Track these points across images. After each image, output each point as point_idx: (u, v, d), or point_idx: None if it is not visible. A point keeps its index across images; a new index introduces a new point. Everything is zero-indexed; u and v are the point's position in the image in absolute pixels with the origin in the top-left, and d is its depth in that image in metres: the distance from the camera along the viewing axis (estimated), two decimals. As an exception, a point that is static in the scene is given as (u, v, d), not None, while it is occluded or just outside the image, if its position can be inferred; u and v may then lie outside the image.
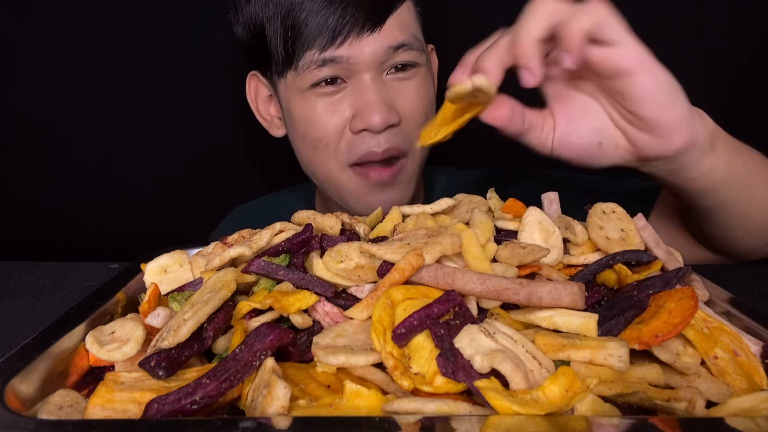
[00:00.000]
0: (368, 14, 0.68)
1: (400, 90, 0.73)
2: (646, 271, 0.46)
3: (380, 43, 0.69)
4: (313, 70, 0.70)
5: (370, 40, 0.69)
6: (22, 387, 0.35)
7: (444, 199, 0.54)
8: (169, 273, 0.50)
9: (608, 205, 0.53)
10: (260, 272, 0.43)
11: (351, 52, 0.69)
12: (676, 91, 0.50)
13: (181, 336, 0.35)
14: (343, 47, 0.68)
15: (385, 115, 0.69)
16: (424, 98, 0.75)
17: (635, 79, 0.49)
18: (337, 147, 0.73)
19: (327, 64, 0.69)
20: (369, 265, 0.44)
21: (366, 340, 0.36)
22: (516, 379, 0.32)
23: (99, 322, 0.43)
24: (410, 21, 0.74)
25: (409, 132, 0.73)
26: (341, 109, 0.72)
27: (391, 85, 0.73)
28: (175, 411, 0.31)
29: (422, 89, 0.75)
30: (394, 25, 0.70)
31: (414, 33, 0.74)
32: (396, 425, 0.28)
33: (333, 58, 0.69)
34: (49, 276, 0.64)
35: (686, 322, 0.36)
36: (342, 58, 0.69)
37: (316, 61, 0.69)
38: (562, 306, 0.36)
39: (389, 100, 0.71)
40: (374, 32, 0.69)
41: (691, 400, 0.32)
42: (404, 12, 0.73)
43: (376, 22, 0.69)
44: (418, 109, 0.74)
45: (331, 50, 0.69)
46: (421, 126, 0.63)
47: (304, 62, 0.70)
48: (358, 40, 0.68)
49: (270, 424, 0.28)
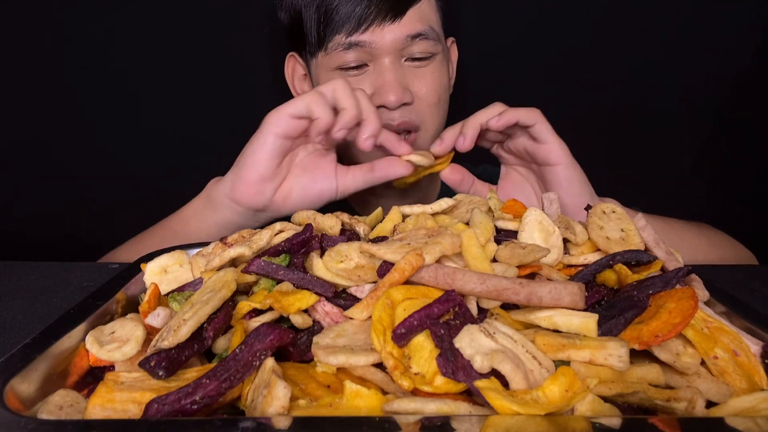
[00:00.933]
0: (391, 5, 0.77)
1: (416, 75, 0.82)
2: (646, 271, 0.46)
3: (400, 31, 0.78)
4: (340, 52, 0.79)
5: (391, 28, 0.77)
6: (22, 387, 0.35)
7: (444, 198, 0.54)
8: (169, 273, 0.50)
9: (608, 205, 0.53)
10: (260, 272, 0.43)
11: (373, 38, 0.77)
12: (584, 183, 0.70)
13: (181, 336, 0.35)
14: (367, 33, 0.77)
15: (399, 94, 0.78)
16: (438, 83, 0.83)
17: (556, 169, 0.69)
18: None
19: (352, 48, 0.78)
20: (369, 265, 0.44)
21: (366, 340, 0.36)
22: (516, 379, 0.31)
23: (99, 322, 0.43)
24: (429, 13, 0.82)
25: (422, 110, 0.83)
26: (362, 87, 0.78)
27: (408, 69, 0.81)
28: (175, 411, 0.31)
29: (436, 75, 0.83)
30: (414, 16, 0.79)
31: (432, 24, 0.82)
32: (396, 425, 0.28)
33: (357, 42, 0.78)
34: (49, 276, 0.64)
35: (686, 322, 0.36)
36: (365, 43, 0.78)
37: (343, 44, 0.78)
38: (562, 306, 0.36)
39: (404, 82, 0.80)
40: (395, 21, 0.77)
41: (691, 400, 0.32)
42: (424, 5, 0.81)
43: (397, 12, 0.77)
44: (431, 91, 0.82)
45: (356, 35, 0.77)
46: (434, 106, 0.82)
47: (333, 44, 0.79)
48: (381, 27, 0.77)
49: (270, 424, 0.28)
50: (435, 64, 0.83)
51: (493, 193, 0.58)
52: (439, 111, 0.85)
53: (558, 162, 0.69)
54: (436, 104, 0.84)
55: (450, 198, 0.55)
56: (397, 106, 0.79)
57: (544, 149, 0.69)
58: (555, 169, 0.69)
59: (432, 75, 0.83)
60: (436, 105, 0.84)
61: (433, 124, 0.85)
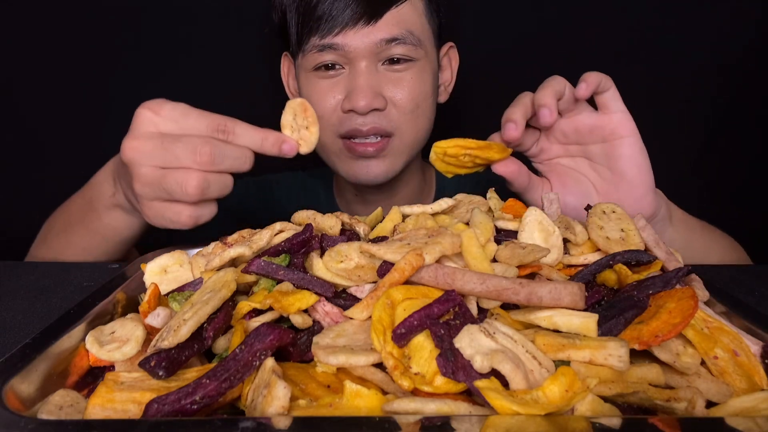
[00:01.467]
0: (365, 8, 0.75)
1: (392, 80, 0.80)
2: (646, 271, 0.46)
3: (375, 35, 0.76)
4: (315, 53, 0.79)
5: (365, 32, 0.76)
6: (22, 387, 0.35)
7: (444, 199, 0.54)
8: (169, 273, 0.50)
9: (608, 205, 0.53)
10: (260, 272, 0.43)
11: (346, 41, 0.76)
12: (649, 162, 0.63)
13: (181, 336, 0.35)
14: (340, 36, 0.76)
15: (369, 100, 0.77)
16: (417, 89, 0.81)
17: (626, 140, 0.62)
18: (330, 120, 0.81)
19: (326, 50, 0.78)
20: (369, 265, 0.44)
21: (366, 340, 0.36)
22: (516, 379, 0.31)
23: (99, 322, 0.43)
24: (411, 17, 0.80)
25: (396, 117, 0.81)
26: (336, 91, 0.80)
27: (383, 74, 0.79)
28: (175, 411, 0.31)
29: (415, 81, 0.81)
30: (392, 20, 0.77)
31: (411, 29, 0.79)
32: (396, 425, 0.28)
33: (331, 44, 0.77)
34: (49, 276, 0.64)
35: (686, 322, 0.36)
36: (339, 45, 0.77)
37: (317, 46, 0.78)
38: (562, 306, 0.36)
39: (378, 88, 0.78)
40: (369, 25, 0.76)
41: (691, 400, 0.32)
42: (406, 9, 0.79)
43: (372, 15, 0.76)
44: (407, 98, 0.80)
45: (330, 37, 0.77)
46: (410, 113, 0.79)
47: (309, 46, 0.79)
48: (354, 30, 0.76)
49: (270, 424, 0.28)
50: (414, 69, 0.81)
51: (493, 193, 0.58)
52: (418, 118, 0.83)
53: (628, 134, 0.62)
54: (413, 111, 0.81)
55: (450, 198, 0.55)
56: (366, 111, 0.77)
57: (613, 120, 0.62)
58: (623, 143, 0.62)
59: (410, 81, 0.80)
60: (413, 112, 0.81)
61: (410, 131, 0.83)
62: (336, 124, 0.81)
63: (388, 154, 0.83)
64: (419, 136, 0.85)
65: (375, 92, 0.77)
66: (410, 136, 0.83)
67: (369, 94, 0.77)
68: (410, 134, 0.83)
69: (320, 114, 0.79)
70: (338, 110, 0.80)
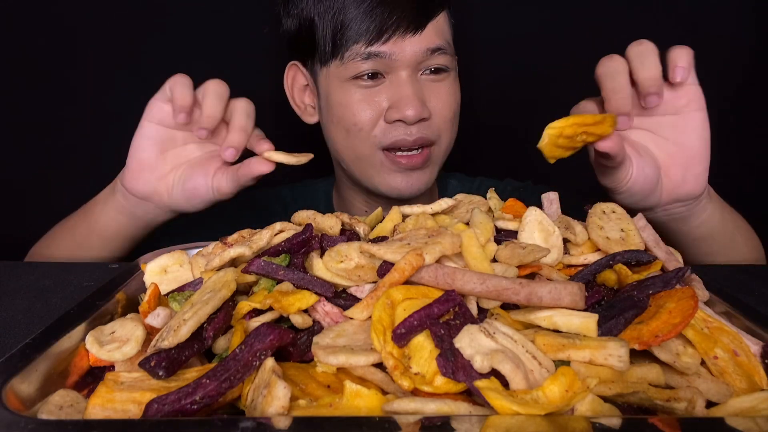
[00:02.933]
0: (412, 17, 0.76)
1: (433, 89, 0.81)
2: (646, 271, 0.46)
3: (420, 44, 0.77)
4: (357, 62, 0.78)
5: (412, 41, 0.77)
6: (22, 387, 0.35)
7: (444, 199, 0.54)
8: (169, 273, 0.50)
9: (608, 205, 0.53)
10: (260, 272, 0.43)
11: (394, 49, 0.77)
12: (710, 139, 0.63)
13: (181, 336, 0.35)
14: (388, 44, 0.76)
15: (418, 109, 0.77)
16: (453, 98, 0.83)
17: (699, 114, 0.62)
18: (371, 132, 0.81)
19: (371, 58, 0.77)
20: (369, 265, 0.44)
21: (366, 340, 0.36)
22: (516, 379, 0.31)
23: (99, 322, 0.43)
24: (446, 28, 0.82)
25: (438, 126, 0.82)
26: (378, 100, 0.79)
27: (424, 84, 0.80)
28: (175, 411, 0.31)
29: (452, 91, 0.83)
30: (433, 30, 0.79)
31: (448, 39, 0.82)
32: (396, 425, 0.28)
33: (377, 52, 0.77)
34: (49, 276, 0.64)
35: (686, 322, 0.36)
36: (385, 54, 0.77)
37: (362, 54, 0.77)
38: (562, 306, 0.36)
39: (422, 97, 0.79)
40: (416, 34, 0.77)
41: (691, 400, 0.32)
42: (441, 20, 0.81)
43: (418, 25, 0.77)
44: (446, 106, 0.82)
45: (377, 45, 0.77)
46: (449, 122, 0.80)
47: (351, 54, 0.78)
48: (402, 39, 0.76)
49: (270, 424, 0.28)
50: (450, 79, 0.83)
51: (493, 193, 0.58)
52: (454, 126, 0.85)
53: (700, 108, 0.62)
54: (452, 119, 0.83)
55: (450, 198, 0.55)
56: (415, 120, 0.78)
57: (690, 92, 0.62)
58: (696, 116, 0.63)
59: (447, 90, 0.82)
60: (451, 120, 0.83)
61: (448, 140, 0.84)
62: (378, 136, 0.80)
63: (429, 164, 0.84)
64: (451, 145, 0.87)
65: (421, 102, 0.78)
66: (447, 145, 0.85)
67: (417, 103, 0.77)
68: (447, 143, 0.85)
69: (359, 125, 0.80)
70: (380, 121, 0.80)
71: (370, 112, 0.80)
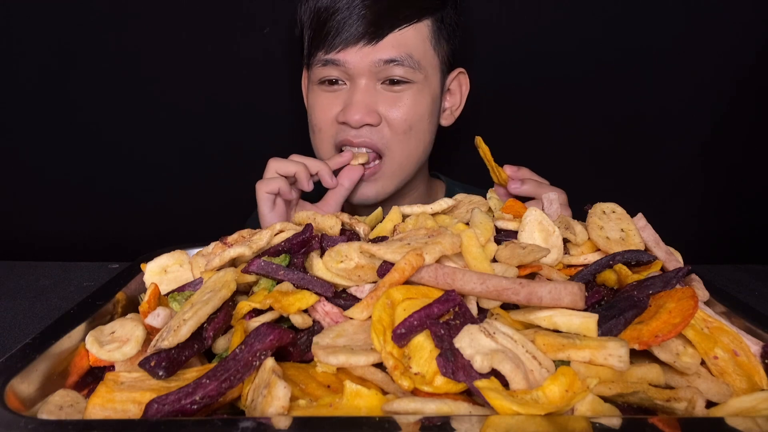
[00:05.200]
0: (367, 29, 0.80)
1: (388, 99, 0.83)
2: (646, 271, 0.46)
3: (374, 55, 0.80)
4: (320, 67, 0.84)
5: (366, 51, 0.80)
6: (22, 387, 0.35)
7: (444, 199, 0.54)
8: (169, 273, 0.50)
9: (608, 205, 0.53)
10: (260, 272, 0.43)
11: (347, 58, 0.81)
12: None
13: (181, 336, 0.35)
14: (342, 53, 0.81)
15: (362, 115, 0.81)
16: (412, 111, 0.84)
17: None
18: (328, 132, 0.87)
19: (329, 65, 0.82)
20: (369, 265, 0.44)
21: (366, 340, 0.36)
22: (516, 379, 0.31)
23: (99, 322, 0.43)
24: (414, 42, 0.82)
25: (388, 135, 0.84)
26: (335, 104, 0.85)
27: (381, 93, 0.83)
28: (175, 411, 0.31)
29: (410, 102, 0.84)
30: (393, 42, 0.81)
31: (411, 52, 0.82)
32: (396, 425, 0.28)
33: (333, 60, 0.82)
34: (49, 276, 0.64)
35: (686, 322, 0.36)
36: (340, 62, 0.81)
37: (322, 61, 0.83)
38: (562, 306, 0.36)
39: (373, 105, 0.82)
40: (371, 45, 0.80)
41: (691, 400, 0.32)
42: (410, 33, 0.82)
43: (374, 37, 0.80)
44: (401, 118, 0.84)
45: (333, 53, 0.81)
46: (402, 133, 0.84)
47: (315, 60, 0.85)
48: (356, 49, 0.80)
49: (270, 424, 0.28)
50: (412, 91, 0.83)
51: (493, 193, 0.58)
52: (410, 139, 0.85)
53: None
54: (406, 132, 0.84)
55: (450, 198, 0.55)
56: (359, 125, 0.81)
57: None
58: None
59: (406, 102, 0.83)
60: (405, 132, 0.84)
61: (401, 152, 0.85)
62: (333, 136, 0.86)
63: (380, 177, 0.86)
64: (411, 158, 0.87)
65: (369, 108, 0.82)
66: (401, 157, 0.86)
67: (363, 109, 0.81)
68: (401, 155, 0.86)
69: (318, 125, 0.87)
70: (335, 122, 0.85)
71: (327, 114, 0.85)
